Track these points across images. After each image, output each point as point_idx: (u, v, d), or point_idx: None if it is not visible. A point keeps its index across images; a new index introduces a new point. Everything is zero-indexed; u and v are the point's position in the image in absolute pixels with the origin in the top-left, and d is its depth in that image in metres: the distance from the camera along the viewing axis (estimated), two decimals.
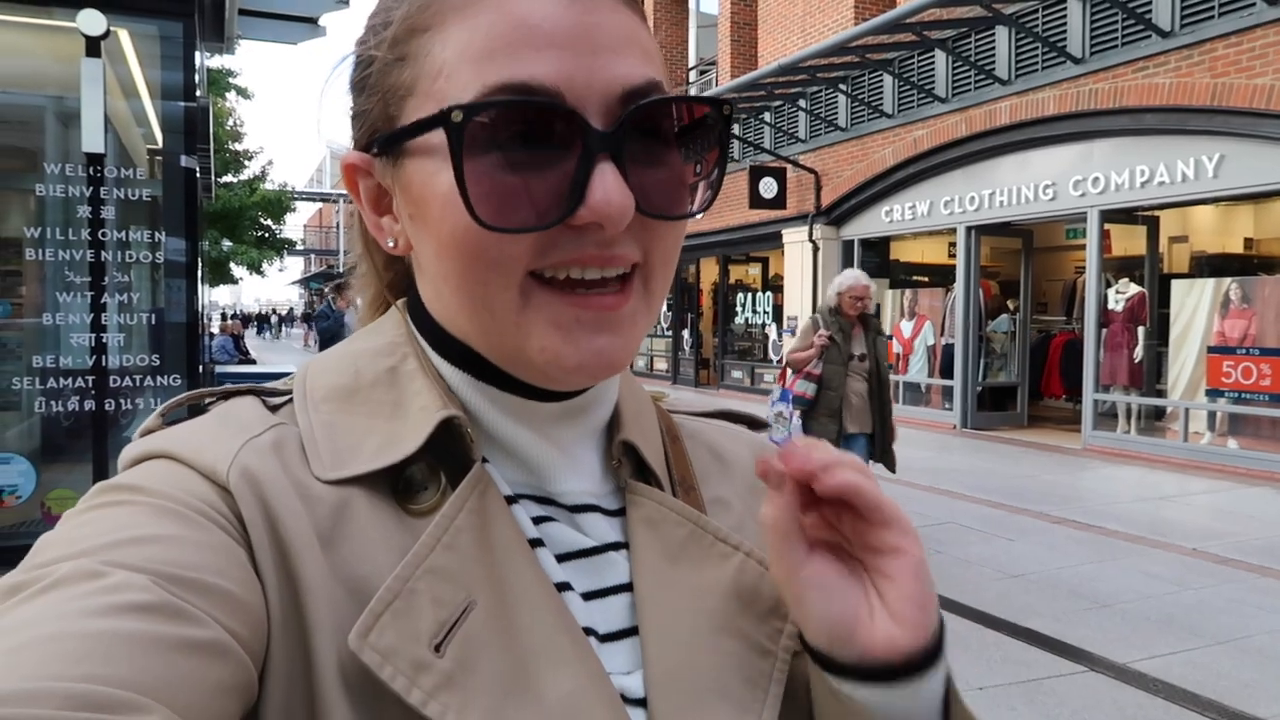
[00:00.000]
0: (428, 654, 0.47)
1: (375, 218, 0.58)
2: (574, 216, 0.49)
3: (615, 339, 0.53)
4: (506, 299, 0.52)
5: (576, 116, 0.49)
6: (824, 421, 5.78)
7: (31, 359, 3.85)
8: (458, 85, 0.50)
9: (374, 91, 0.55)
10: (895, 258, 14.60)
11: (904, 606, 0.52)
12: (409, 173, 0.54)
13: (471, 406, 0.58)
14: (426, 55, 0.52)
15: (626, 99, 0.50)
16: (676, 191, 0.54)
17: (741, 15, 17.32)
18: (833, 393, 5.77)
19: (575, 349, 0.52)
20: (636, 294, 0.54)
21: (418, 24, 0.52)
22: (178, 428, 0.55)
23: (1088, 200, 10.33)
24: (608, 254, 0.51)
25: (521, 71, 0.49)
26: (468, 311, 0.54)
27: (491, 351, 0.55)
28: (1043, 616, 4.93)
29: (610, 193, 0.49)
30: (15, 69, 4.37)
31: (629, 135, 0.50)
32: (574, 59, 0.49)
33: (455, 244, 0.51)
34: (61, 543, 0.45)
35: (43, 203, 3.86)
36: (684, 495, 0.64)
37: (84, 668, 0.37)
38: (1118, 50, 9.66)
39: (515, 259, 0.51)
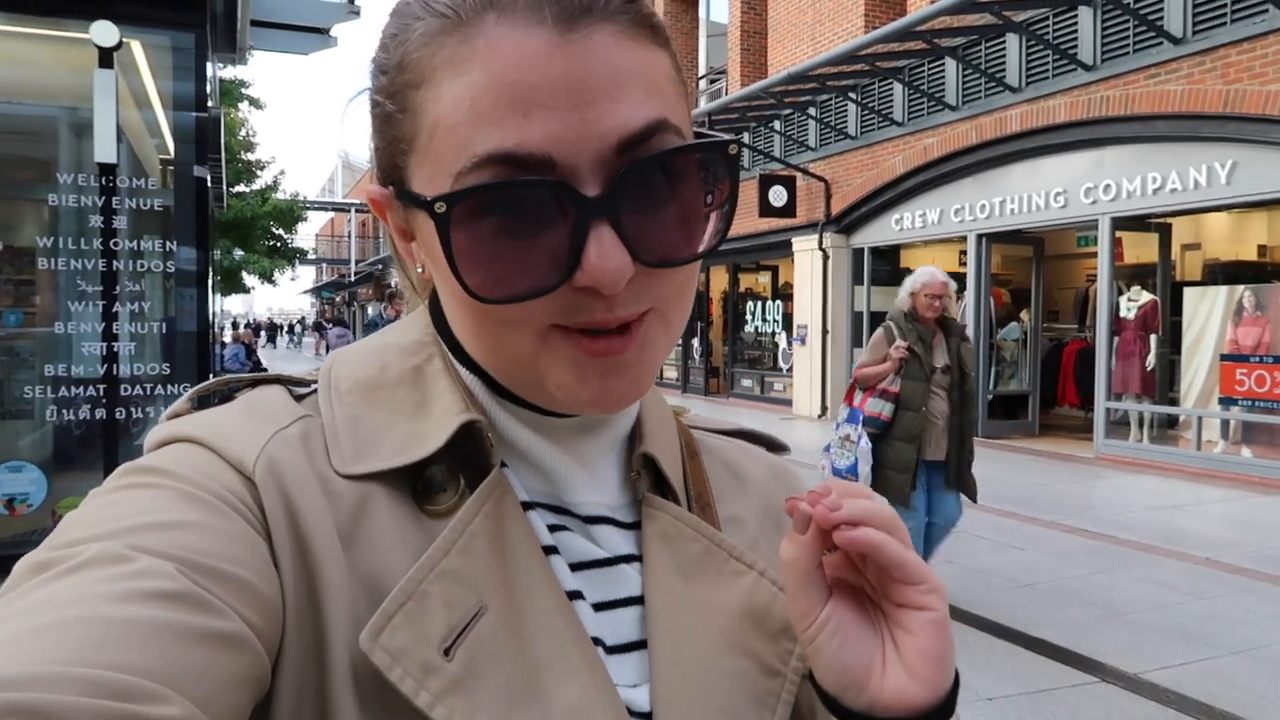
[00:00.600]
0: (437, 657, 0.48)
1: (405, 244, 0.59)
2: (573, 280, 0.49)
3: (624, 379, 0.53)
4: (524, 344, 0.52)
5: (565, 187, 0.48)
6: (900, 447, 4.97)
7: (44, 368, 3.87)
8: (450, 148, 0.49)
9: (384, 136, 0.55)
10: (906, 266, 14.56)
11: (920, 662, 0.51)
12: (419, 223, 0.54)
13: (491, 413, 0.58)
14: (422, 111, 0.51)
15: (622, 149, 0.49)
16: (681, 233, 0.53)
17: (751, 24, 17.35)
18: (913, 414, 4.95)
19: (588, 387, 0.52)
20: (651, 330, 0.54)
21: (413, 78, 0.51)
22: (206, 413, 0.55)
23: (1099, 207, 10.29)
24: (613, 317, 0.51)
25: (508, 140, 0.48)
26: (485, 355, 0.55)
27: (511, 383, 0.56)
28: (1054, 626, 4.90)
29: (605, 259, 0.48)
30: (29, 80, 4.41)
31: (624, 191, 0.49)
32: (562, 117, 0.48)
33: (463, 302, 0.52)
34: (87, 522, 0.46)
35: (56, 212, 3.88)
36: (700, 511, 0.64)
37: (107, 654, 0.38)
38: (1129, 57, 9.63)
39: (527, 318, 0.51)
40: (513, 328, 0.51)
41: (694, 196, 0.53)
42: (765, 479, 0.72)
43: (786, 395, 16.15)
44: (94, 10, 3.58)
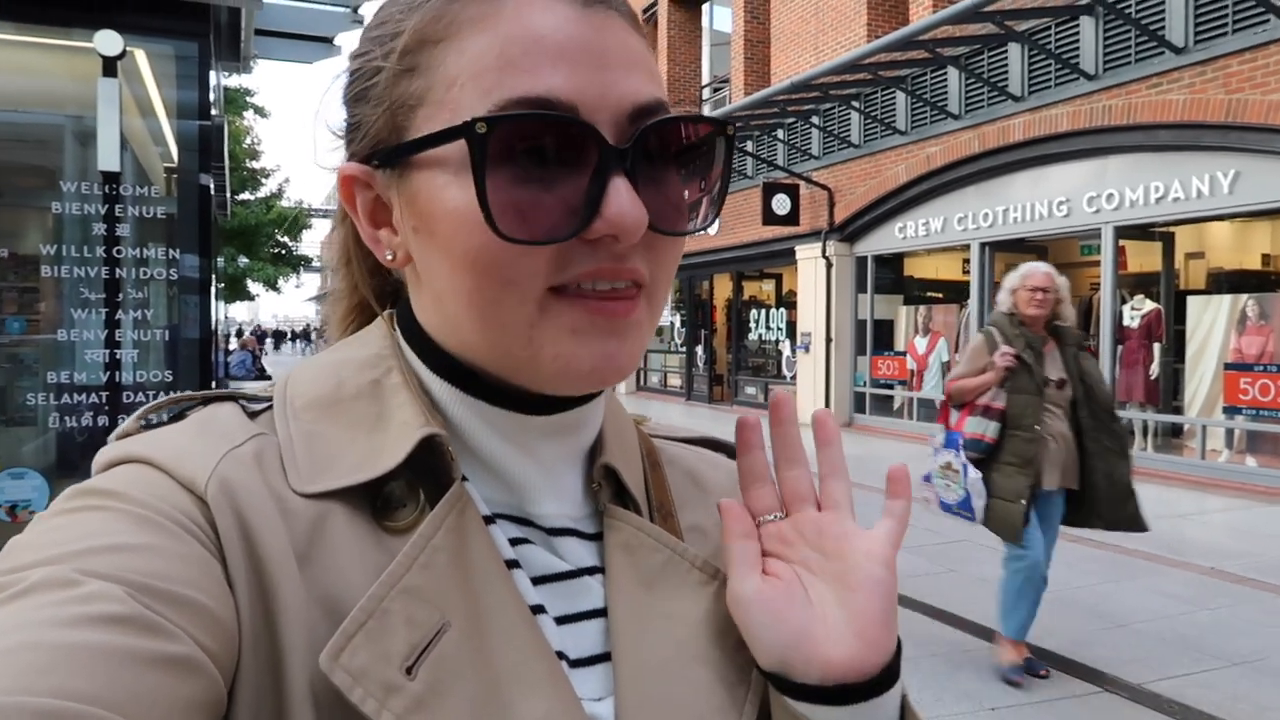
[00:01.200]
0: (399, 676, 0.47)
1: (372, 230, 0.58)
2: (589, 229, 0.50)
3: (623, 344, 0.53)
4: (521, 313, 0.52)
5: (594, 131, 0.49)
6: (1011, 473, 4.17)
7: (47, 374, 3.88)
8: (472, 96, 0.50)
9: (378, 102, 0.55)
10: (909, 274, 14.57)
11: (868, 625, 0.54)
12: (416, 185, 0.53)
13: (456, 421, 0.57)
14: (440, 66, 0.52)
15: (636, 116, 0.52)
16: (681, 209, 0.55)
17: (755, 33, 17.39)
18: (1024, 435, 4.16)
19: (588, 352, 0.52)
20: (642, 305, 0.55)
21: (430, 35, 0.52)
22: (156, 433, 0.54)
23: (1102, 216, 10.29)
24: (621, 267, 0.52)
25: (539, 85, 0.49)
26: (477, 326, 0.54)
27: (499, 363, 0.55)
28: (1057, 636, 4.88)
29: (625, 205, 0.49)
30: (35, 89, 4.43)
31: (641, 151, 0.51)
32: (587, 74, 0.50)
33: (469, 260, 0.51)
34: (34, 547, 0.44)
35: (60, 220, 3.90)
36: (662, 521, 0.64)
37: (54, 681, 0.37)
38: (1131, 67, 9.64)
39: (532, 275, 0.51)
40: (514, 290, 0.51)
41: (696, 172, 0.56)
42: (727, 486, 0.71)
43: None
44: (99, 19, 3.60)
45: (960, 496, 4.34)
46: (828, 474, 0.60)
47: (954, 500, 4.40)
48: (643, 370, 22.02)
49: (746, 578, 0.56)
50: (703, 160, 0.56)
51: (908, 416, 13.89)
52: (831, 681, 0.53)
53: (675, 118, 0.53)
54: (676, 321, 20.29)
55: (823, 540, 0.58)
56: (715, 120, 0.56)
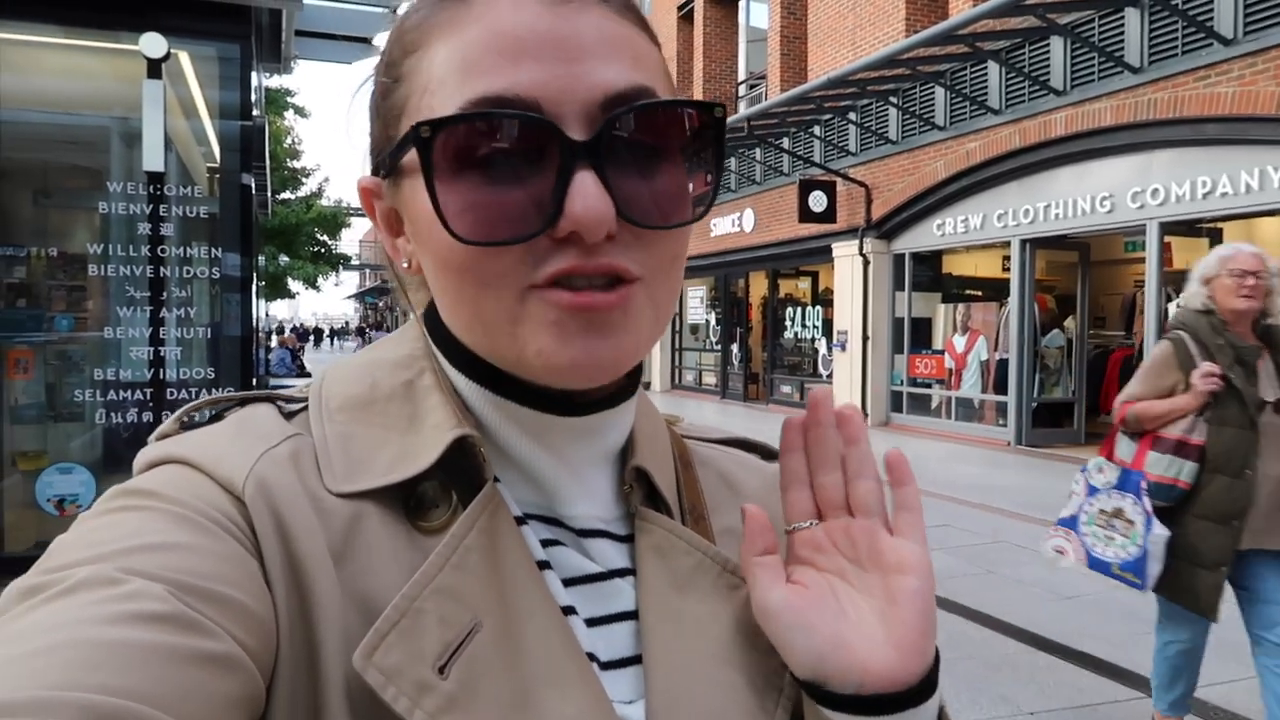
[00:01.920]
0: (432, 675, 0.47)
1: (391, 239, 0.59)
2: (554, 228, 0.49)
3: (609, 340, 0.51)
4: (499, 310, 0.51)
5: (551, 127, 0.49)
6: (1206, 531, 3.15)
7: (93, 371, 3.97)
8: (440, 101, 0.51)
9: (377, 115, 0.57)
10: (948, 271, 14.41)
11: (906, 634, 0.53)
12: (404, 192, 0.54)
13: (486, 422, 0.58)
14: (415, 74, 0.53)
15: (609, 106, 0.50)
16: (668, 200, 0.53)
17: (791, 29, 17.29)
18: (1229, 480, 3.10)
19: (568, 348, 0.51)
20: (636, 301, 0.52)
21: (409, 44, 0.54)
22: (195, 433, 0.55)
23: (1147, 212, 10.10)
24: (592, 263, 0.50)
25: (497, 83, 0.49)
26: (467, 325, 0.54)
27: (495, 360, 0.55)
28: (1098, 639, 4.81)
29: (588, 200, 0.48)
30: (82, 91, 4.52)
31: (612, 143, 0.50)
32: (551, 68, 0.49)
33: (444, 261, 0.52)
34: (77, 546, 0.45)
35: (106, 220, 3.98)
36: (694, 524, 0.64)
37: (98, 677, 0.37)
38: (1178, 59, 9.44)
39: (504, 274, 0.51)
40: (491, 290, 0.51)
41: (680, 162, 0.54)
42: (759, 489, 0.71)
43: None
44: (144, 23, 3.67)
45: (1131, 555, 3.35)
46: (855, 475, 0.58)
47: (1119, 558, 3.41)
48: (678, 368, 22.00)
49: (771, 589, 0.55)
50: (692, 146, 0.54)
51: (945, 416, 13.75)
52: (869, 692, 0.52)
53: (647, 104, 0.51)
54: (712, 319, 20.24)
55: (855, 549, 0.57)
56: (701, 104, 0.54)
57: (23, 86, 4.06)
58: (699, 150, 0.54)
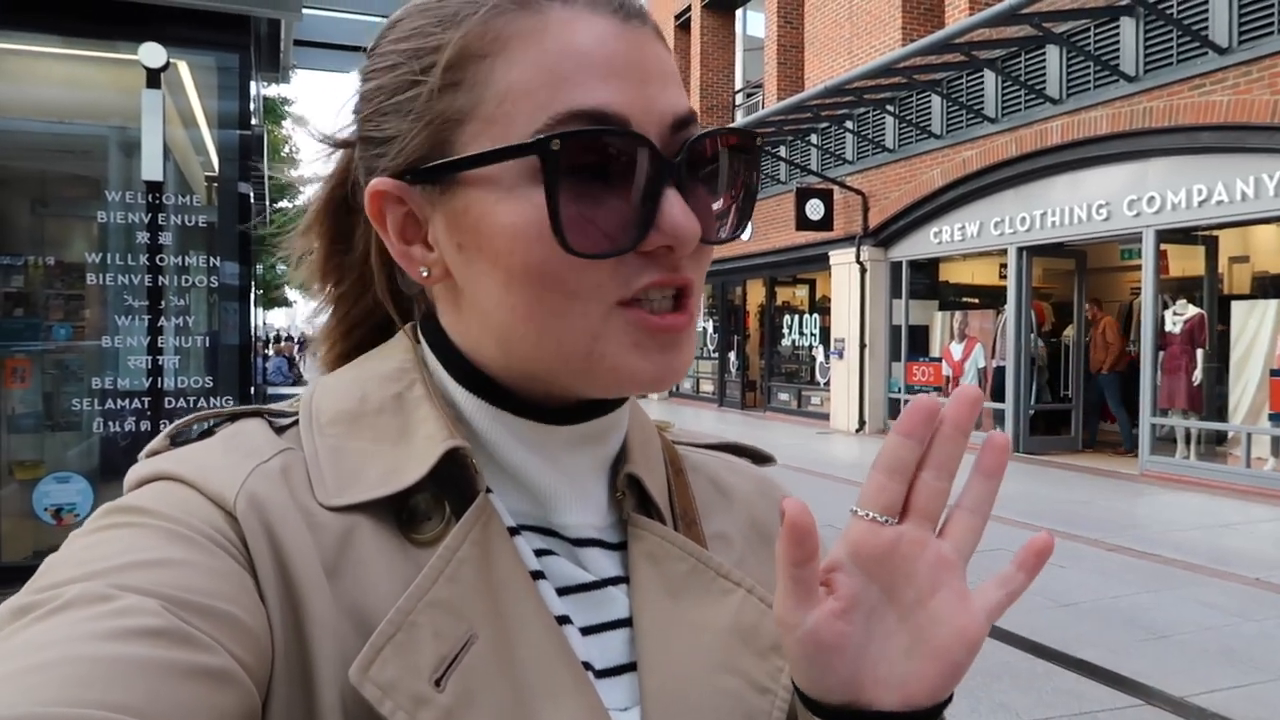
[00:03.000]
0: (428, 688, 0.47)
1: (403, 246, 0.57)
2: (645, 241, 0.51)
3: (680, 354, 0.55)
4: (584, 325, 0.52)
5: (649, 144, 0.51)
6: None
7: (91, 380, 3.96)
8: (525, 111, 0.50)
9: (417, 118, 0.54)
10: (945, 279, 14.44)
11: (920, 690, 0.48)
12: (464, 202, 0.53)
13: (482, 433, 0.58)
14: (487, 82, 0.52)
15: (676, 126, 0.53)
16: (720, 215, 0.57)
17: (788, 38, 17.34)
18: None
19: (650, 365, 0.53)
20: (695, 314, 0.56)
21: (476, 50, 0.52)
22: (185, 450, 0.54)
23: (1143, 220, 10.13)
24: (678, 277, 0.53)
25: (592, 98, 0.50)
26: (533, 339, 0.54)
27: (548, 373, 0.55)
28: (1096, 647, 4.80)
29: (680, 217, 0.51)
30: (81, 100, 4.53)
31: (689, 162, 0.53)
32: (633, 88, 0.51)
33: (530, 274, 0.52)
34: (69, 564, 0.45)
35: (104, 229, 3.98)
36: (686, 529, 0.64)
37: (93, 693, 0.37)
38: (1172, 68, 9.48)
39: (596, 287, 0.52)
40: (579, 302, 0.52)
41: (731, 181, 0.57)
42: (751, 493, 0.71)
43: (824, 409, 16.05)
44: (143, 33, 3.68)
45: None
46: (970, 506, 0.51)
47: None
48: None
49: (798, 608, 0.48)
50: (734, 170, 0.57)
51: None
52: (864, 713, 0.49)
53: (714, 130, 0.54)
54: (709, 327, 20.25)
55: (922, 576, 0.49)
56: (746, 132, 0.58)
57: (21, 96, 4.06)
58: (744, 172, 0.58)
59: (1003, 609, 0.49)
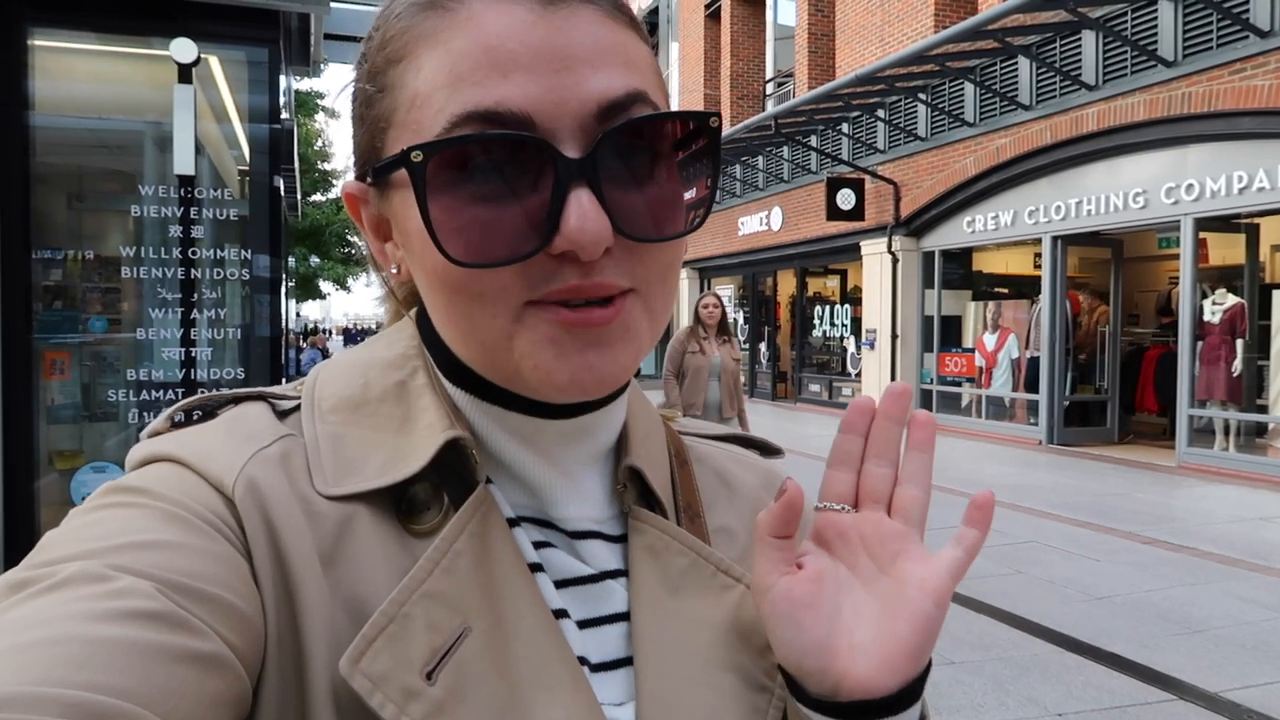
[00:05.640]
0: (419, 681, 0.47)
1: (378, 244, 0.58)
2: (551, 246, 0.48)
3: (606, 353, 0.51)
4: (496, 327, 0.51)
5: (544, 145, 0.48)
6: None
7: (127, 372, 4.03)
8: (428, 115, 0.50)
9: (362, 122, 0.56)
10: (978, 269, 14.28)
11: (896, 654, 0.51)
12: (394, 205, 0.54)
13: (476, 427, 0.57)
14: (401, 85, 0.52)
15: (603, 115, 0.49)
16: (663, 211, 0.52)
17: (819, 26, 17.20)
18: None
19: (566, 364, 0.51)
20: (633, 313, 0.52)
21: (393, 54, 0.52)
22: (187, 431, 0.54)
23: (1181, 208, 9.95)
24: (591, 283, 0.50)
25: (488, 98, 0.48)
26: (460, 340, 0.54)
27: (489, 374, 0.55)
28: (1129, 641, 4.75)
29: (585, 219, 0.47)
30: (116, 96, 4.60)
31: (605, 157, 0.49)
32: (543, 79, 0.48)
33: (437, 278, 0.51)
34: (67, 541, 0.45)
35: (139, 223, 4.04)
36: (688, 523, 0.63)
37: (85, 674, 0.37)
38: (1212, 52, 9.29)
39: (501, 290, 0.50)
40: (486, 304, 0.50)
41: (675, 173, 0.53)
42: (756, 486, 0.70)
43: None
44: (175, 29, 3.73)
45: None
46: (908, 479, 0.55)
47: None
48: None
49: (772, 572, 0.53)
50: (688, 156, 0.53)
51: (976, 415, 13.62)
52: (844, 698, 0.51)
53: (641, 118, 0.50)
54: (740, 318, 20.19)
55: (881, 549, 0.54)
56: (695, 114, 0.53)
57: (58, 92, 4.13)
58: (695, 160, 0.54)
59: (963, 565, 0.53)
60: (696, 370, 6.67)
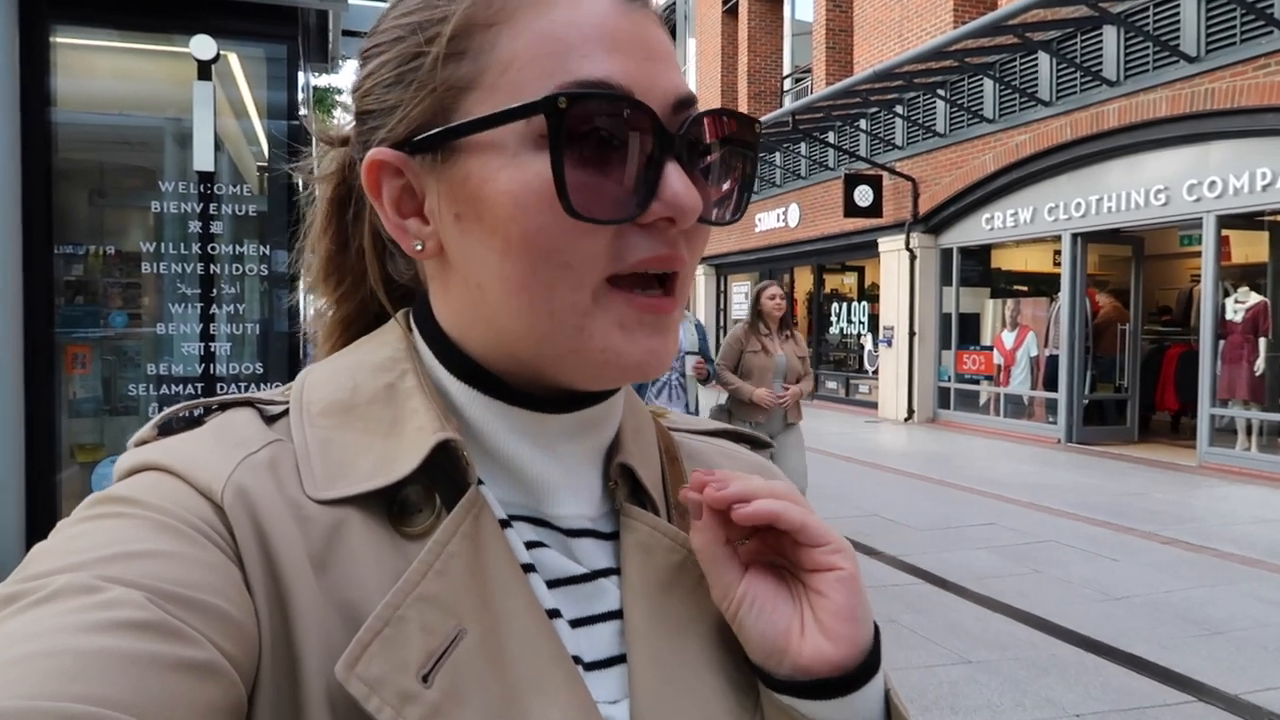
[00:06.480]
0: (415, 684, 0.47)
1: (398, 220, 0.57)
2: (647, 212, 0.51)
3: (666, 339, 0.55)
4: (575, 301, 0.52)
5: (653, 115, 0.51)
6: None
7: (147, 366, 4.07)
8: (531, 79, 0.51)
9: (420, 87, 0.54)
10: (996, 266, 14.19)
11: (833, 621, 0.54)
12: (464, 169, 0.53)
13: (476, 423, 0.57)
14: (492, 50, 0.52)
15: (678, 106, 0.53)
16: (720, 198, 0.57)
17: (837, 22, 17.12)
18: None
19: (636, 348, 0.54)
20: (681, 297, 0.56)
21: (481, 19, 0.52)
22: (173, 440, 0.54)
23: (1203, 205, 9.85)
24: (674, 253, 0.54)
25: (597, 69, 0.51)
26: (525, 315, 0.53)
27: (539, 354, 0.55)
28: (1148, 642, 4.71)
29: (680, 188, 0.51)
30: (137, 93, 4.64)
31: (690, 138, 0.54)
32: (637, 64, 0.52)
33: (527, 242, 0.51)
34: (56, 554, 0.45)
35: (160, 218, 4.08)
36: (679, 519, 0.63)
37: (78, 686, 0.37)
38: (1235, 48, 9.19)
39: (591, 258, 0.52)
40: (571, 274, 0.51)
41: (729, 165, 0.57)
42: None
43: (872, 398, 15.90)
44: (194, 25, 3.75)
45: None
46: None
47: None
48: None
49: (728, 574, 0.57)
50: (733, 154, 0.57)
51: (994, 413, 13.54)
52: (804, 678, 0.54)
53: (716, 110, 0.55)
54: None
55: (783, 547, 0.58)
56: (746, 117, 0.58)
57: (80, 89, 4.16)
58: (742, 157, 0.58)
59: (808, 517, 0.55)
60: (759, 372, 5.67)
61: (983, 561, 6.20)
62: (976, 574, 5.88)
